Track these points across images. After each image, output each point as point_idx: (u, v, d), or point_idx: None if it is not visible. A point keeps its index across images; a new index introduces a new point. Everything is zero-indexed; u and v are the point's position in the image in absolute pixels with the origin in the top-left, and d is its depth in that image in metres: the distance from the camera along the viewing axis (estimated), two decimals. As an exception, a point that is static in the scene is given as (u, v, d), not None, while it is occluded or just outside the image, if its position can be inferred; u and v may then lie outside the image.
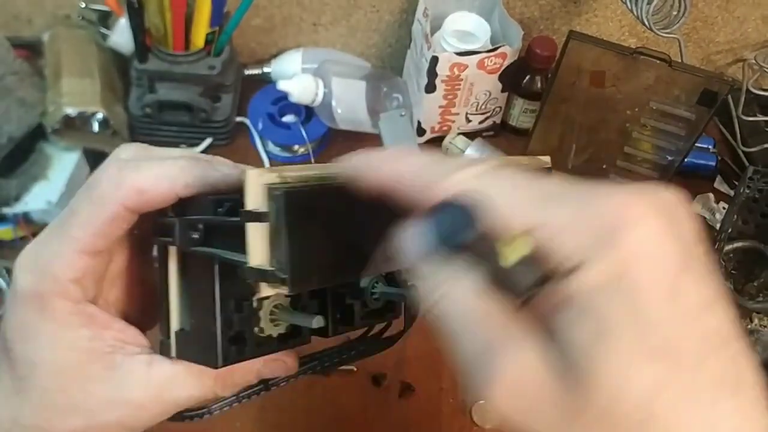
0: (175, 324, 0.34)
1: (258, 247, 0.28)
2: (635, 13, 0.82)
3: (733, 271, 0.86)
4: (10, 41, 0.83)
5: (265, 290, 0.29)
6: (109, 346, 0.33)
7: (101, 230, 0.32)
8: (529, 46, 0.90)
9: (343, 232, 0.30)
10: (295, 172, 0.29)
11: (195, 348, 0.33)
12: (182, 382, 0.34)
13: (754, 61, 0.98)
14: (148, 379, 0.33)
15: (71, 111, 0.78)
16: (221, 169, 0.33)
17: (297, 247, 0.28)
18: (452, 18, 0.88)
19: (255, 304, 0.33)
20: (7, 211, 0.76)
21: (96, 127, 0.80)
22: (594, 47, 0.78)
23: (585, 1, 0.94)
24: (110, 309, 0.36)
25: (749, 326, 0.75)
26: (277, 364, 0.36)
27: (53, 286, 0.32)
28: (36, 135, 0.79)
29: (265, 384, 0.38)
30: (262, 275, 0.28)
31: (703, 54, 1.02)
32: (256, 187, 0.28)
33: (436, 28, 0.88)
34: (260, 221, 0.28)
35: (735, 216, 0.83)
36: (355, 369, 0.73)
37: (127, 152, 0.34)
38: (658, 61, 0.77)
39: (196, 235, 0.32)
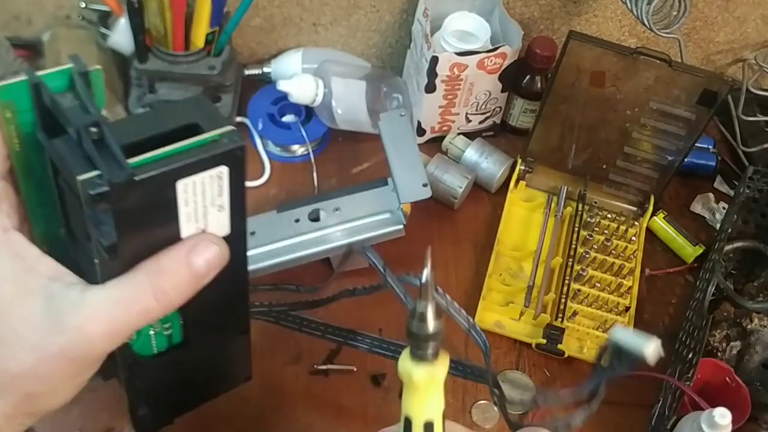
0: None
1: None
2: (635, 13, 0.82)
3: (733, 271, 0.86)
4: (10, 41, 0.83)
5: None
6: (45, 277, 0.34)
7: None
8: (529, 46, 0.90)
9: None
10: None
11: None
12: (117, 299, 0.34)
13: (754, 61, 0.98)
14: (83, 302, 0.33)
15: (71, 111, 0.78)
16: None
17: None
18: (452, 18, 0.88)
19: None
20: (7, 211, 0.76)
21: (96, 127, 0.80)
22: (594, 47, 0.78)
23: (585, 1, 0.94)
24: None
25: (749, 326, 0.75)
26: (204, 244, 0.36)
27: None
28: (36, 135, 0.79)
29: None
30: None
31: (703, 54, 1.02)
32: None
33: (436, 28, 0.88)
34: None
35: (735, 216, 0.83)
36: (355, 369, 0.73)
37: None
38: (658, 61, 0.77)
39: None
